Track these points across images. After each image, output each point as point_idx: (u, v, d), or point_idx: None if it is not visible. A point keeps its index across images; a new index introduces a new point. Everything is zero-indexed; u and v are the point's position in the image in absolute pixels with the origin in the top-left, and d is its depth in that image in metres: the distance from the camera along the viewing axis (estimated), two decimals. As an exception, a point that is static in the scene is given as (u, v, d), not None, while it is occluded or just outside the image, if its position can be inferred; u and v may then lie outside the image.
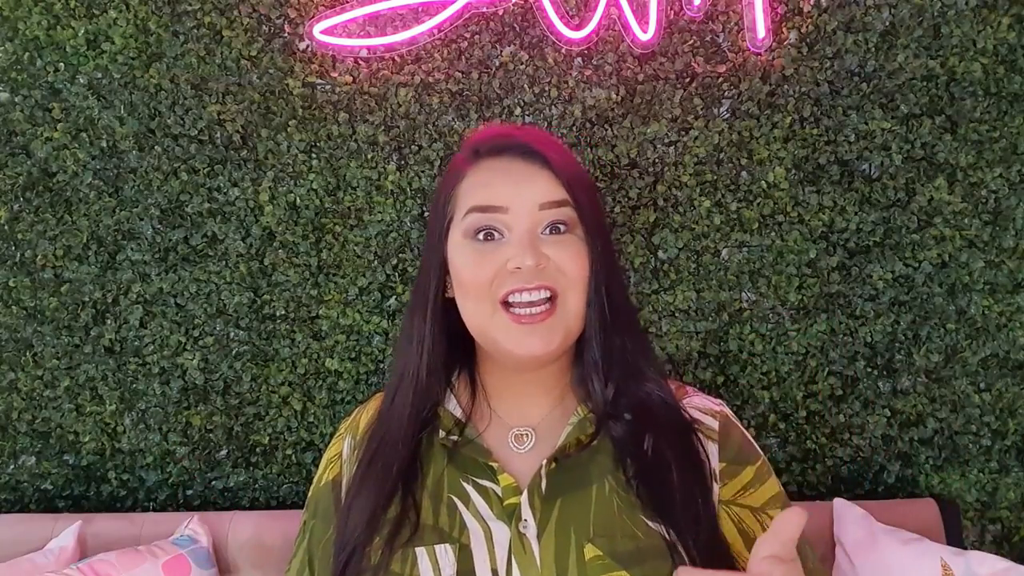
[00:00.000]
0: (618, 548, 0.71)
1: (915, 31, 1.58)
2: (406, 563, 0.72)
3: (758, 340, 1.62)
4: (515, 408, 0.83)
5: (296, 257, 1.62)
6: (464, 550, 0.72)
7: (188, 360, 1.62)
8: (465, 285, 0.78)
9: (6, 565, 1.39)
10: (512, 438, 0.81)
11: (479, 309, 0.78)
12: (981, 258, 1.60)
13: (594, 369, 0.80)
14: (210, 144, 1.61)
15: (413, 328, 0.83)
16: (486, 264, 0.77)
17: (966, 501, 1.63)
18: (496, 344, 0.78)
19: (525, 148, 0.80)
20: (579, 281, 0.78)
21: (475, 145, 0.84)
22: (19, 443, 1.64)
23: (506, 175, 0.79)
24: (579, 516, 0.73)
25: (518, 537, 0.72)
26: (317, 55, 1.61)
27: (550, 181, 0.79)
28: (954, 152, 1.59)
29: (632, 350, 0.82)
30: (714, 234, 1.61)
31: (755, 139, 1.60)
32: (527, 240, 0.76)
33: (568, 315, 0.78)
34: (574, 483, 0.75)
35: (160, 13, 1.59)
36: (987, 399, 1.62)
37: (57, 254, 1.61)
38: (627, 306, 0.84)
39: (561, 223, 0.78)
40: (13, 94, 1.60)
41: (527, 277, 0.75)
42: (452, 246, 0.80)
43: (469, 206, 0.79)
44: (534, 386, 0.83)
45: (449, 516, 0.75)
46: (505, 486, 0.75)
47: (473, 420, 0.82)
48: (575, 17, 1.59)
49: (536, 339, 0.76)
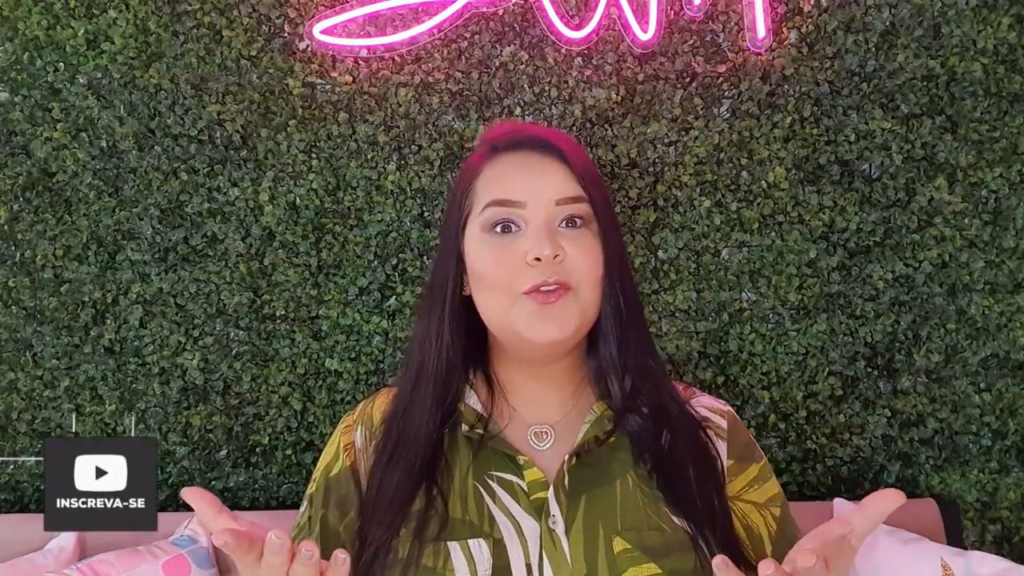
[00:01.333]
0: (646, 541, 0.72)
1: (915, 31, 1.58)
2: (438, 557, 0.72)
3: (758, 340, 1.62)
4: (532, 405, 0.84)
5: (296, 257, 1.62)
6: (498, 545, 0.72)
7: (188, 360, 1.62)
8: (484, 278, 0.79)
9: (6, 565, 1.39)
10: (532, 435, 0.81)
11: (498, 301, 0.78)
12: (981, 258, 1.60)
13: (611, 364, 0.81)
14: (210, 144, 1.61)
15: (431, 324, 0.83)
16: (505, 256, 0.77)
17: (966, 501, 1.63)
18: (515, 333, 0.78)
19: (542, 143, 0.81)
20: (593, 276, 0.78)
21: (492, 141, 0.84)
22: (19, 443, 1.64)
23: (523, 170, 0.80)
24: (606, 511, 0.74)
25: (548, 532, 0.73)
26: (317, 55, 1.60)
27: (567, 176, 0.79)
28: (954, 152, 1.59)
29: (644, 347, 0.83)
30: (714, 234, 1.61)
31: (755, 139, 1.60)
32: (544, 231, 0.77)
33: (581, 307, 0.78)
34: (597, 479, 0.76)
35: (160, 13, 1.59)
36: (987, 399, 1.62)
37: (57, 254, 1.61)
38: (638, 303, 0.85)
39: (578, 217, 0.79)
40: (13, 94, 1.60)
41: (546, 271, 0.76)
42: (470, 241, 0.81)
43: (487, 200, 0.79)
44: (549, 382, 0.84)
45: (477, 509, 0.75)
46: (531, 481, 0.76)
47: (493, 417, 0.82)
48: (575, 17, 1.58)
49: (553, 324, 0.76)
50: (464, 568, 0.71)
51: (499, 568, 0.71)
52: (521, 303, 0.76)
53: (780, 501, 0.81)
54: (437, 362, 0.81)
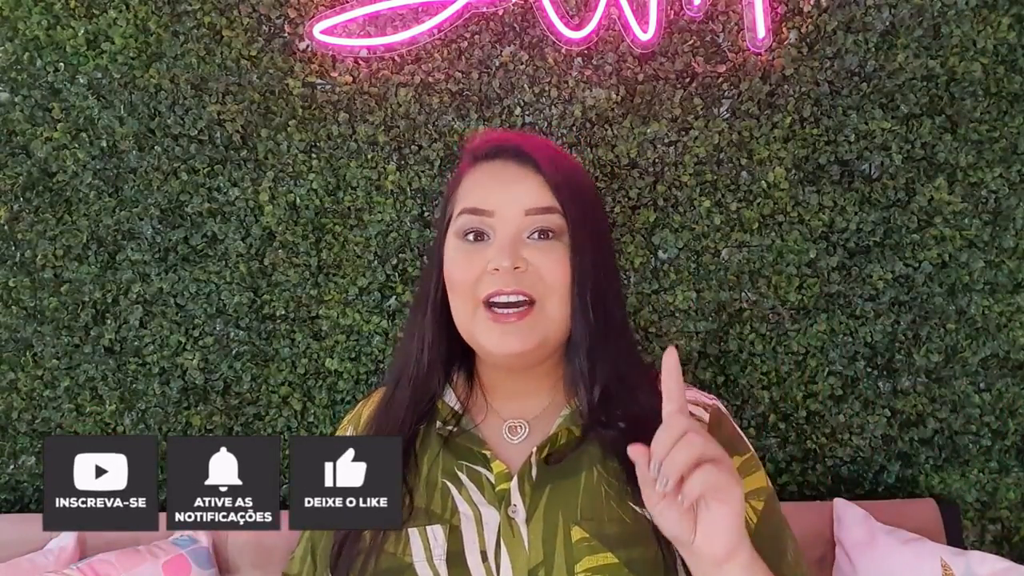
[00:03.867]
0: (605, 531, 0.73)
1: (915, 31, 1.58)
2: (399, 543, 0.74)
3: (758, 340, 1.62)
4: (510, 401, 0.85)
5: (296, 257, 1.62)
6: (454, 531, 0.75)
7: (188, 360, 1.62)
8: (452, 283, 0.81)
9: (6, 565, 1.39)
10: (506, 429, 0.83)
11: (463, 307, 0.81)
12: (981, 258, 1.60)
13: (581, 378, 0.82)
14: (210, 144, 1.61)
15: (415, 323, 0.86)
16: (471, 263, 0.80)
17: (966, 501, 1.63)
18: (477, 342, 0.81)
19: (517, 151, 0.82)
20: (558, 288, 0.79)
21: (473, 150, 0.86)
22: (19, 443, 1.64)
23: (497, 179, 0.82)
24: (567, 501, 0.75)
25: (507, 521, 0.74)
26: (317, 55, 1.61)
27: (539, 187, 0.80)
28: (954, 152, 1.59)
29: (623, 360, 0.83)
30: (714, 234, 1.61)
31: (755, 139, 1.60)
32: (507, 243, 0.78)
33: (547, 320, 0.79)
34: (564, 471, 0.78)
35: (160, 13, 1.59)
36: (987, 399, 1.62)
37: (57, 254, 1.61)
38: (618, 315, 0.85)
39: (548, 230, 0.80)
40: (13, 94, 1.60)
41: (505, 280, 0.77)
42: (447, 246, 0.83)
43: (461, 207, 0.82)
44: (527, 382, 0.85)
45: (442, 500, 0.77)
46: (497, 473, 0.78)
47: (471, 413, 0.84)
48: (575, 17, 1.59)
49: (513, 338, 0.78)
50: (420, 552, 0.74)
51: (453, 553, 0.73)
52: (481, 314, 0.79)
53: (766, 495, 0.81)
54: (418, 360, 0.84)
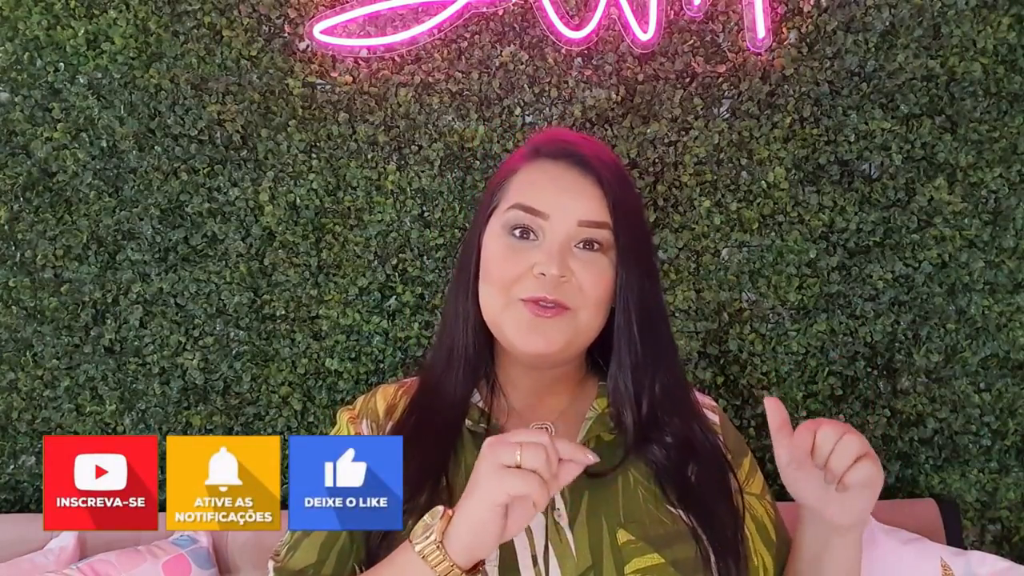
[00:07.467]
0: (650, 532, 0.74)
1: (915, 31, 1.58)
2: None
3: (758, 340, 1.62)
4: (529, 403, 0.85)
5: (296, 257, 1.62)
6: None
7: (188, 360, 1.62)
8: (489, 273, 0.81)
9: (6, 565, 1.39)
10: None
11: (496, 299, 0.80)
12: (981, 258, 1.60)
13: (625, 396, 0.82)
14: (210, 144, 1.61)
15: (459, 305, 0.85)
16: (515, 262, 0.79)
17: (966, 501, 1.63)
18: (504, 336, 0.80)
19: (582, 160, 0.81)
20: (595, 301, 0.79)
21: (537, 144, 0.85)
22: (19, 443, 1.64)
23: (556, 182, 0.81)
24: (608, 504, 0.76)
25: (554, 524, 0.74)
26: (317, 55, 1.61)
27: (597, 200, 0.80)
28: (954, 152, 1.59)
29: (669, 378, 0.83)
30: (714, 234, 1.61)
31: (755, 139, 1.60)
32: (557, 250, 0.78)
33: (578, 326, 0.79)
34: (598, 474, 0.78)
35: (160, 13, 1.59)
36: (987, 399, 1.62)
37: (57, 254, 1.61)
38: (665, 333, 0.85)
39: (596, 242, 0.80)
40: (13, 94, 1.60)
41: (548, 287, 0.77)
42: (489, 234, 0.83)
43: (514, 201, 0.81)
44: (548, 382, 0.85)
45: None
46: None
47: (494, 413, 0.84)
48: (575, 17, 1.59)
49: (540, 337, 0.77)
50: None
51: (506, 559, 0.73)
52: (515, 308, 0.78)
53: (769, 493, 0.86)
54: (466, 345, 0.83)
